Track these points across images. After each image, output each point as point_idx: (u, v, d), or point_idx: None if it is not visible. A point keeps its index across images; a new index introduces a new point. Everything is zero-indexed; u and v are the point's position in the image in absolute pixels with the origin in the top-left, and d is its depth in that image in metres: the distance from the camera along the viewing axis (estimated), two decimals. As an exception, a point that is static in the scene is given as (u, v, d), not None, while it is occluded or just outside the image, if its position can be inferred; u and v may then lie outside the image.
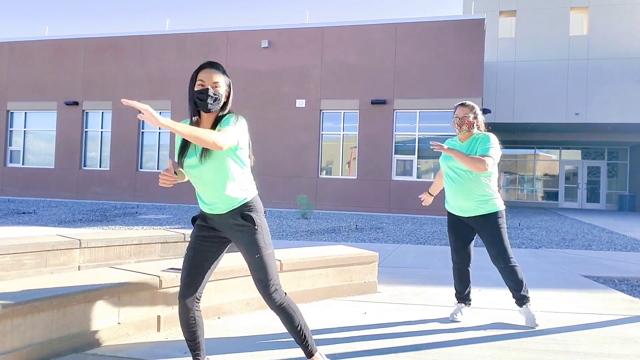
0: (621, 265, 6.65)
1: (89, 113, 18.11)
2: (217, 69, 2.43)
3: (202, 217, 2.52)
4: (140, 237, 5.14)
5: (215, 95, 2.37)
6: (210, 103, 2.36)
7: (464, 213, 3.68)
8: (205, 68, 2.42)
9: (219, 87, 2.39)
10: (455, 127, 3.73)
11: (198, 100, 2.37)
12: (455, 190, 3.66)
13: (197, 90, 2.37)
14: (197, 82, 2.39)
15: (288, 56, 16.22)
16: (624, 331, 3.57)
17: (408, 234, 9.87)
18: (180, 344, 3.09)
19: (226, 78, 2.46)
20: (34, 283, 3.04)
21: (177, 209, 14.98)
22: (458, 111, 3.73)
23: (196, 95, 2.37)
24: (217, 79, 2.40)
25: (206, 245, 2.48)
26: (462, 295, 3.86)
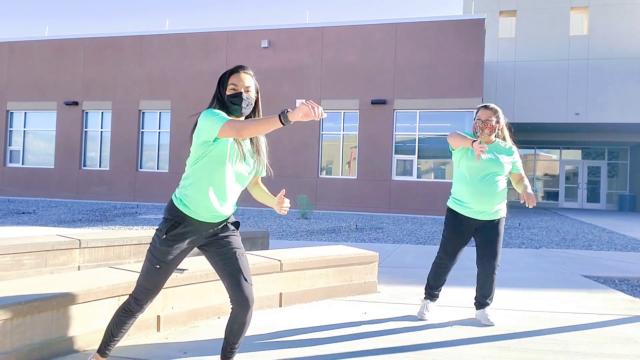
0: (621, 265, 6.64)
1: (88, 113, 18.11)
2: (248, 73, 2.43)
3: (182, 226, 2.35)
4: (140, 237, 5.14)
5: (249, 99, 2.38)
6: (244, 107, 2.37)
7: (484, 217, 3.60)
8: (237, 72, 2.42)
9: (250, 91, 2.40)
10: (477, 129, 3.58)
11: (231, 104, 2.37)
12: (484, 193, 3.53)
13: (231, 95, 2.37)
14: (229, 86, 2.39)
15: (288, 56, 16.22)
16: (624, 331, 3.57)
17: (408, 234, 9.87)
18: (180, 344, 3.09)
19: (256, 83, 2.47)
20: (33, 283, 3.03)
21: (177, 209, 14.95)
22: (480, 113, 3.59)
23: (229, 99, 2.37)
24: (248, 83, 2.40)
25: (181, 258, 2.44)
26: (434, 291, 3.84)
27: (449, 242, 3.74)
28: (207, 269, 3.60)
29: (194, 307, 3.50)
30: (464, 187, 3.62)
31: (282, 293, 4.05)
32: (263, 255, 4.25)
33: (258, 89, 2.49)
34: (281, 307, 4.02)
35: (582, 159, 23.98)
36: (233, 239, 2.43)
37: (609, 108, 18.32)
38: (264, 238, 6.28)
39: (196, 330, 3.37)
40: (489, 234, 3.61)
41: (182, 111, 16.97)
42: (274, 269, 3.99)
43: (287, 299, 4.07)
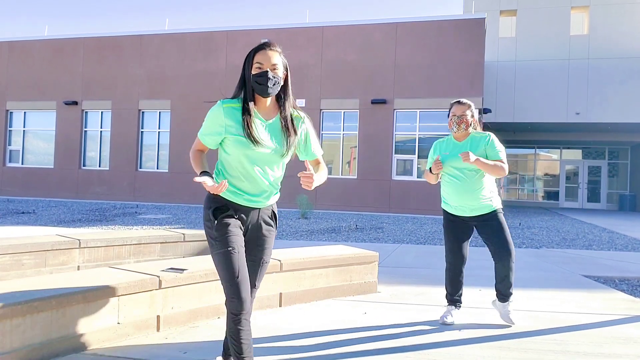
0: (622, 265, 6.64)
1: (88, 113, 18.10)
2: (275, 50, 2.30)
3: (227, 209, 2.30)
4: (140, 237, 5.13)
5: (275, 78, 2.27)
6: (270, 87, 2.26)
7: (469, 212, 3.62)
8: (263, 49, 2.29)
9: (277, 69, 2.28)
10: (453, 125, 3.64)
11: (257, 84, 2.26)
12: (462, 189, 3.58)
13: (256, 74, 2.26)
14: (255, 64, 2.27)
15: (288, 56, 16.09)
16: (624, 331, 3.56)
17: (408, 233, 9.86)
18: (180, 344, 3.09)
19: (284, 60, 2.34)
20: (33, 283, 3.03)
21: (177, 208, 14.98)
22: (455, 109, 3.64)
23: (255, 79, 2.26)
24: (275, 61, 2.28)
25: (242, 240, 2.31)
26: (453, 297, 3.79)
27: (448, 242, 3.77)
28: (207, 268, 3.60)
29: (193, 307, 3.50)
30: (445, 186, 3.72)
31: (282, 293, 4.05)
32: (263, 255, 4.24)
33: (287, 66, 2.37)
34: (281, 307, 4.01)
35: (582, 159, 23.98)
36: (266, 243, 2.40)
37: (609, 108, 18.31)
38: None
39: (196, 330, 3.37)
40: (488, 228, 3.59)
41: (182, 111, 16.96)
42: (274, 269, 3.98)
43: (287, 299, 4.07)
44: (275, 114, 2.35)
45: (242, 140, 2.23)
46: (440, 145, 3.78)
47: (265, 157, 2.28)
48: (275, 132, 2.31)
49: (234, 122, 2.26)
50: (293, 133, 2.34)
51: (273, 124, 2.33)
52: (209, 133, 2.33)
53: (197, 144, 2.40)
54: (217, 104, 2.31)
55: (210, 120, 2.31)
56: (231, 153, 2.28)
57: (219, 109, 2.30)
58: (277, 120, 2.34)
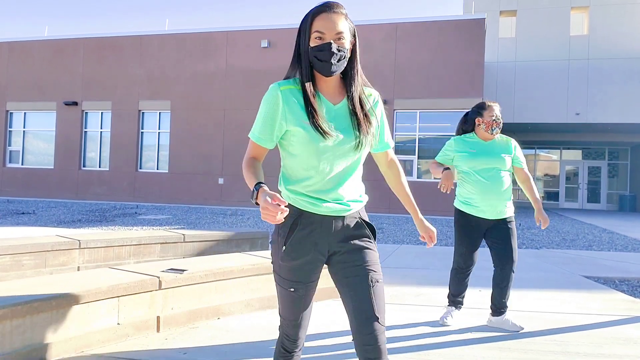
0: (622, 265, 6.64)
1: (88, 113, 18.10)
2: (340, 13, 1.75)
3: (301, 226, 1.78)
4: (140, 238, 5.13)
5: (341, 51, 1.72)
6: (334, 63, 1.72)
7: (494, 215, 3.54)
8: (324, 12, 1.73)
9: (343, 39, 1.72)
10: (494, 127, 3.53)
11: (317, 60, 1.72)
12: (491, 190, 3.50)
13: (316, 47, 1.71)
14: (313, 34, 1.72)
15: (288, 56, 16.08)
16: (625, 332, 3.56)
17: (408, 234, 9.86)
18: (180, 345, 3.09)
19: (351, 24, 1.79)
20: (33, 283, 3.03)
21: (177, 209, 14.97)
22: (495, 110, 3.57)
23: (314, 53, 1.71)
24: (341, 27, 1.72)
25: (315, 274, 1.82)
26: (456, 298, 3.74)
27: (463, 245, 3.64)
28: (207, 269, 3.60)
29: (193, 308, 3.50)
30: (470, 186, 3.58)
31: (282, 293, 4.04)
32: (263, 255, 4.24)
33: (355, 33, 1.81)
34: (281, 308, 4.01)
35: (582, 159, 23.98)
36: (367, 256, 1.79)
37: (609, 108, 18.31)
38: (264, 238, 6.27)
39: (196, 331, 3.36)
40: (501, 233, 3.54)
41: (182, 111, 16.97)
42: (273, 270, 3.97)
43: (287, 300, 4.06)
44: (343, 96, 1.82)
45: (308, 133, 1.71)
46: (462, 143, 3.63)
47: (339, 152, 1.76)
48: (344, 119, 1.79)
49: (296, 110, 1.74)
50: (367, 118, 1.81)
51: (341, 109, 1.80)
52: (266, 128, 1.78)
53: (250, 149, 1.84)
54: (272, 87, 1.78)
55: (266, 110, 1.78)
56: (296, 152, 1.76)
57: (275, 93, 1.76)
58: (344, 103, 1.81)
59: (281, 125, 1.77)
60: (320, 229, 1.77)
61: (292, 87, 1.77)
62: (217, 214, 13.39)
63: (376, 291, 1.73)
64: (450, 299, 3.78)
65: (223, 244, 5.74)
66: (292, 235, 1.75)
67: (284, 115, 1.75)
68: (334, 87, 1.82)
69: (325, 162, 1.75)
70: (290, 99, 1.76)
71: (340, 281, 1.79)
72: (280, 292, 1.85)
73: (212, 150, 16.62)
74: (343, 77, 1.85)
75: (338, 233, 1.79)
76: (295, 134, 1.74)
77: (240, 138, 16.35)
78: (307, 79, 1.75)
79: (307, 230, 1.76)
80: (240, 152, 16.33)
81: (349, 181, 1.82)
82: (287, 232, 1.76)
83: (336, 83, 1.83)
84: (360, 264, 1.77)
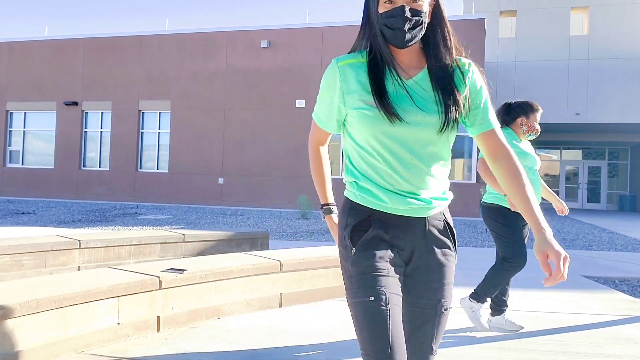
0: (622, 265, 6.64)
1: (88, 113, 18.10)
2: None
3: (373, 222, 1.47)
4: (140, 238, 5.13)
5: (417, 15, 1.40)
6: (408, 31, 1.39)
7: None
8: None
9: (421, 2, 1.41)
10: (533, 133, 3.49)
11: (387, 29, 1.41)
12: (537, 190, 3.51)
13: (385, 13, 1.41)
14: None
15: (288, 56, 16.21)
16: (624, 332, 3.56)
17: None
18: (180, 345, 3.09)
19: None
20: (33, 283, 3.03)
21: (177, 209, 14.97)
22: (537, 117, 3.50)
23: (383, 20, 1.41)
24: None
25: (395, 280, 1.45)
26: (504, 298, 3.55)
27: (519, 242, 3.46)
28: (207, 269, 3.60)
29: (193, 308, 3.50)
30: None
31: (282, 293, 4.04)
32: (263, 255, 4.24)
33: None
34: (281, 308, 4.01)
35: (582, 159, 23.98)
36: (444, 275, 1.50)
37: (609, 108, 18.31)
38: (264, 238, 6.27)
39: (196, 330, 3.37)
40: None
41: (182, 111, 16.97)
42: (274, 270, 3.98)
43: (287, 300, 4.07)
44: (422, 66, 1.48)
45: (372, 114, 1.41)
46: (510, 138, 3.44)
47: (415, 136, 1.42)
48: (423, 95, 1.44)
49: (357, 87, 1.45)
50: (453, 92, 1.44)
51: (420, 82, 1.46)
52: (325, 111, 1.56)
53: (313, 131, 1.66)
54: (331, 64, 1.55)
55: (323, 91, 1.55)
56: (360, 137, 1.46)
57: (333, 70, 1.52)
58: (424, 75, 1.46)
59: (340, 109, 1.51)
60: (395, 232, 1.46)
61: (354, 61, 1.51)
62: (217, 214, 13.39)
63: (441, 321, 1.49)
64: (497, 305, 3.54)
65: (223, 243, 5.74)
66: (364, 237, 1.46)
67: (342, 97, 1.49)
68: (412, 58, 1.48)
69: (397, 150, 1.42)
70: (350, 76, 1.48)
71: (407, 295, 1.49)
72: (356, 313, 1.45)
73: (212, 150, 16.61)
74: (424, 45, 1.49)
75: (418, 238, 1.48)
76: (358, 117, 1.44)
77: (240, 138, 16.35)
78: (380, 49, 1.45)
79: (379, 232, 1.46)
80: (240, 152, 16.33)
81: (429, 173, 1.45)
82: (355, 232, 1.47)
83: (415, 53, 1.48)
84: (436, 287, 1.48)
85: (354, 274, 1.45)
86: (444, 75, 1.46)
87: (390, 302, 1.39)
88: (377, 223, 1.46)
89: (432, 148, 1.45)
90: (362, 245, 1.45)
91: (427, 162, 1.45)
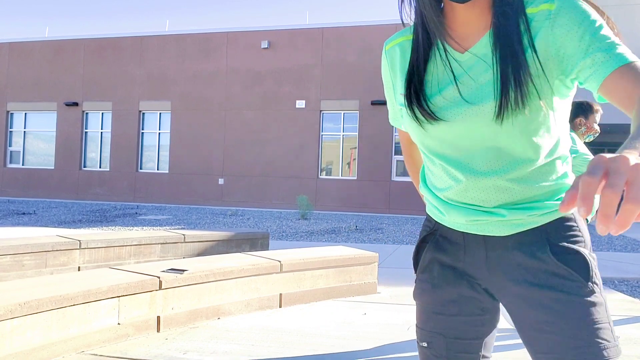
0: (621, 265, 6.64)
1: (88, 114, 18.11)
2: None
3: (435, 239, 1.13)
4: (140, 238, 5.14)
5: None
6: None
7: None
8: None
9: None
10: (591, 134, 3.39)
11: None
12: None
13: None
14: None
15: (288, 57, 16.22)
16: (624, 332, 3.57)
17: (408, 234, 9.87)
18: (180, 345, 3.09)
19: None
20: (33, 283, 3.04)
21: (177, 209, 14.98)
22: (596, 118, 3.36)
23: None
24: None
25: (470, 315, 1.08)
26: None
27: None
28: (207, 269, 3.61)
29: (193, 308, 3.50)
30: None
31: (282, 294, 4.05)
32: (263, 255, 4.25)
33: None
34: (281, 308, 4.02)
35: (582, 160, 23.97)
36: (554, 321, 0.97)
37: (609, 108, 18.30)
38: (264, 239, 6.28)
39: (196, 330, 3.37)
40: None
41: (182, 112, 16.98)
42: (274, 270, 3.99)
43: (287, 300, 4.07)
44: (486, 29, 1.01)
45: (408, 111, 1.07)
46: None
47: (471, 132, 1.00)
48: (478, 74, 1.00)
49: (400, 76, 1.11)
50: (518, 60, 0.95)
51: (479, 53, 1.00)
52: (390, 105, 1.22)
53: (399, 135, 1.35)
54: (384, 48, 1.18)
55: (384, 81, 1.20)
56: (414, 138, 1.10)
57: (382, 57, 1.18)
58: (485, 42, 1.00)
59: (392, 105, 1.20)
60: (464, 254, 1.07)
61: (402, 40, 1.12)
62: (217, 214, 13.40)
63: None
64: None
65: (223, 244, 5.75)
66: (422, 258, 1.14)
67: (393, 86, 1.15)
68: (474, 19, 1.01)
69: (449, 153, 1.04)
70: (396, 59, 1.12)
71: (524, 337, 1.03)
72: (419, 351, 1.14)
73: (212, 151, 16.63)
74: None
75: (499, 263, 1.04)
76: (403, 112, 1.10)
77: (240, 138, 16.36)
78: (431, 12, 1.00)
79: (441, 252, 1.10)
80: (241, 152, 16.33)
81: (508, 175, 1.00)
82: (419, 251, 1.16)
83: (479, 11, 1.00)
84: (545, 332, 0.97)
85: (417, 306, 1.16)
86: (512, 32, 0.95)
87: (450, 349, 1.07)
88: (439, 241, 1.11)
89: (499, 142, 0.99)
90: (421, 270, 1.14)
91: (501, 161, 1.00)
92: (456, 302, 1.07)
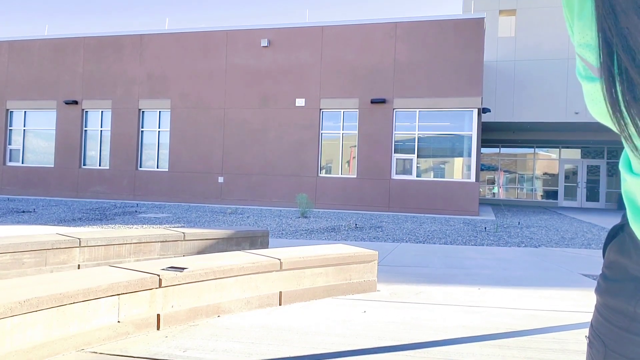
0: None
1: (88, 112, 18.10)
2: None
3: (621, 241, 0.78)
4: (140, 236, 5.14)
5: None
6: None
7: None
8: None
9: None
10: None
11: None
12: None
13: None
14: None
15: (288, 55, 16.21)
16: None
17: (407, 232, 9.87)
18: (180, 343, 3.10)
19: None
20: (33, 282, 3.04)
21: (177, 207, 14.98)
22: None
23: None
24: None
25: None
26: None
27: None
28: (207, 267, 3.61)
29: (193, 306, 3.51)
30: None
31: (282, 292, 4.06)
32: (263, 254, 4.25)
33: None
34: (281, 306, 4.02)
35: (581, 158, 23.99)
36: None
37: (609, 107, 18.32)
38: (263, 237, 6.29)
39: (196, 328, 3.38)
40: None
41: (182, 110, 16.97)
42: (273, 268, 3.99)
43: (286, 298, 4.08)
44: None
45: (590, 87, 0.65)
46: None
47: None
48: None
49: (587, 14, 0.68)
50: None
51: None
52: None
53: None
54: None
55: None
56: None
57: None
58: None
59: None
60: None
61: None
62: (217, 213, 13.40)
63: None
64: None
65: (223, 242, 5.76)
66: (608, 257, 0.83)
67: (571, 23, 0.75)
68: None
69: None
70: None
71: None
72: None
73: (212, 149, 16.63)
74: None
75: None
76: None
77: (240, 137, 16.36)
78: None
79: (626, 258, 0.78)
80: (240, 150, 16.34)
81: None
82: (606, 252, 0.84)
83: None
84: None
85: (595, 307, 0.91)
86: None
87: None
88: (627, 246, 0.77)
89: None
90: (606, 270, 0.84)
91: None
92: (630, 315, 0.79)
